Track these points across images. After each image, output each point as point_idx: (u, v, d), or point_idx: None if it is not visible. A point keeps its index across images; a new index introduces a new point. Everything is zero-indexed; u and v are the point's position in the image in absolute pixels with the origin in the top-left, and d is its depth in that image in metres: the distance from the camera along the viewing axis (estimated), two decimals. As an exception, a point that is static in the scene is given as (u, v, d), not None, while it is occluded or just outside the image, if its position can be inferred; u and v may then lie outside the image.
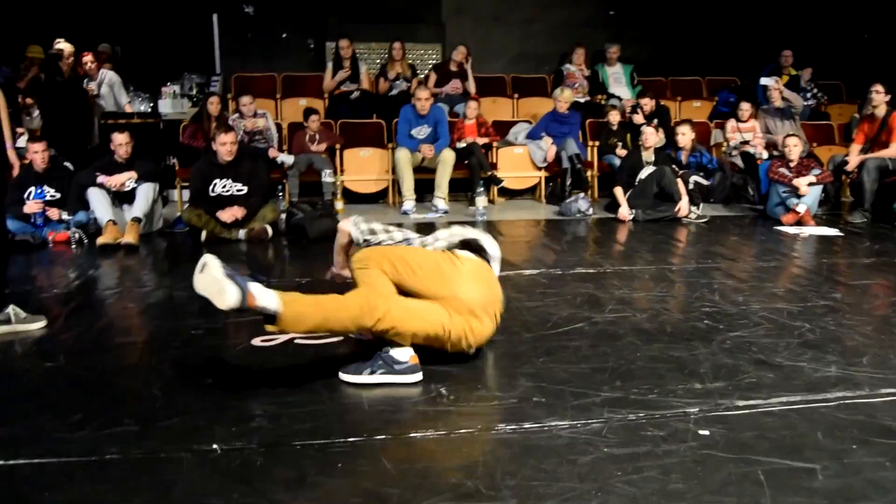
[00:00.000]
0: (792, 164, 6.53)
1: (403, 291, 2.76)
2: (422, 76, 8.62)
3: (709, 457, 2.14)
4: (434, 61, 9.07)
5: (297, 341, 3.17)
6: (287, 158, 7.05)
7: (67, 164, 6.00)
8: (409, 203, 6.99)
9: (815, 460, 2.12)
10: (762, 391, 2.64)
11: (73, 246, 5.41)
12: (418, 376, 2.67)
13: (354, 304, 2.61)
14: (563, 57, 9.33)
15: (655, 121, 7.56)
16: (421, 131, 7.26)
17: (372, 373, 2.67)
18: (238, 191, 5.71)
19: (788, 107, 7.99)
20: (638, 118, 7.68)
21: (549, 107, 8.03)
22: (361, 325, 2.61)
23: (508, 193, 7.92)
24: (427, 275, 2.77)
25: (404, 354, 2.68)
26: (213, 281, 2.41)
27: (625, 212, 6.48)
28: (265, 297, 2.47)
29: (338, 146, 7.42)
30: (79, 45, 7.25)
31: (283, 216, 5.92)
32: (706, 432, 2.30)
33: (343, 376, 2.70)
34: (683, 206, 6.44)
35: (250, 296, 2.42)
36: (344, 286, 2.98)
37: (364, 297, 2.64)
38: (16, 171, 3.34)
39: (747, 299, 3.89)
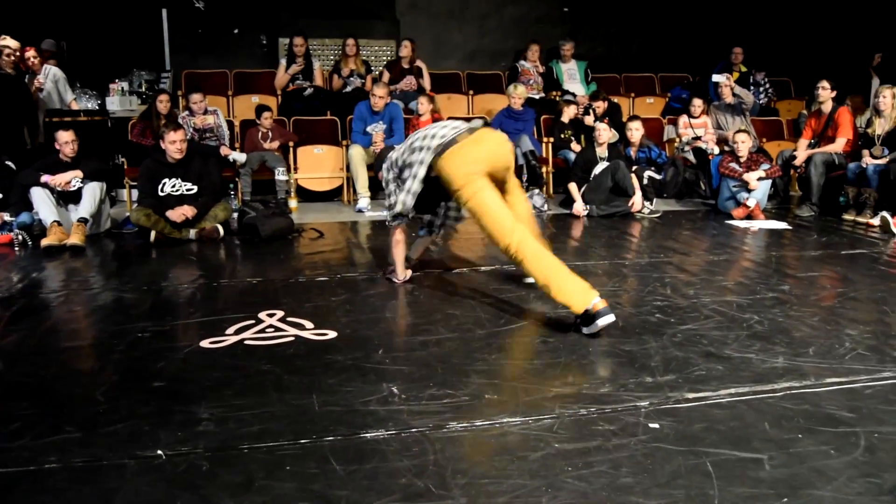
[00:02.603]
0: (742, 159, 6.64)
1: None
2: (376, 73, 8.56)
3: (658, 450, 2.16)
4: (388, 58, 9.02)
5: (245, 342, 3.12)
6: (239, 156, 6.95)
7: (9, 163, 5.82)
8: (363, 201, 6.94)
9: (761, 450, 2.15)
10: (711, 383, 2.67)
11: (17, 248, 5.24)
12: None
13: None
14: (517, 53, 9.37)
15: (607, 118, 7.62)
16: (375, 128, 7.20)
17: None
18: (188, 190, 5.59)
19: (739, 103, 8.12)
20: (589, 119, 7.73)
21: (503, 103, 8.05)
22: None
23: (464, 190, 7.89)
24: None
25: None
26: None
27: (580, 207, 6.52)
28: None
29: (291, 143, 7.33)
30: (22, 41, 7.03)
31: (235, 215, 5.81)
32: (656, 425, 2.32)
33: None
34: (637, 200, 6.51)
35: None
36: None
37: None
38: None
39: (698, 292, 3.95)
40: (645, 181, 6.85)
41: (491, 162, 3.48)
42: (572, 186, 6.70)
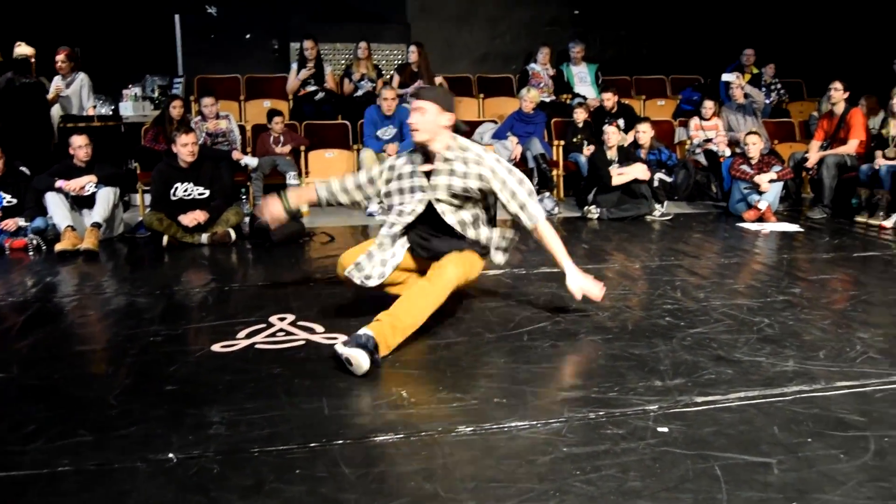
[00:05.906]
0: (753, 161, 6.62)
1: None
2: (387, 77, 8.59)
3: (667, 453, 2.16)
4: (399, 62, 9.05)
5: (256, 346, 3.15)
6: (251, 161, 6.99)
7: (24, 168, 5.87)
8: (373, 205, 6.95)
9: (770, 454, 2.15)
10: (721, 387, 2.67)
11: (31, 253, 5.30)
12: None
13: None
14: (528, 56, 9.37)
15: (621, 120, 7.60)
16: (386, 132, 7.24)
17: None
18: (200, 194, 5.63)
19: (751, 103, 8.09)
20: (613, 131, 7.44)
21: (514, 106, 8.05)
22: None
23: (475, 193, 7.89)
24: None
25: None
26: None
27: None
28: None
29: (302, 148, 7.38)
30: (37, 48, 7.11)
31: (247, 219, 5.86)
32: (665, 429, 2.32)
33: None
34: (632, 170, 6.53)
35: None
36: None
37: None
38: None
39: (708, 296, 3.94)
40: (655, 183, 6.84)
41: None
42: (613, 169, 6.66)
